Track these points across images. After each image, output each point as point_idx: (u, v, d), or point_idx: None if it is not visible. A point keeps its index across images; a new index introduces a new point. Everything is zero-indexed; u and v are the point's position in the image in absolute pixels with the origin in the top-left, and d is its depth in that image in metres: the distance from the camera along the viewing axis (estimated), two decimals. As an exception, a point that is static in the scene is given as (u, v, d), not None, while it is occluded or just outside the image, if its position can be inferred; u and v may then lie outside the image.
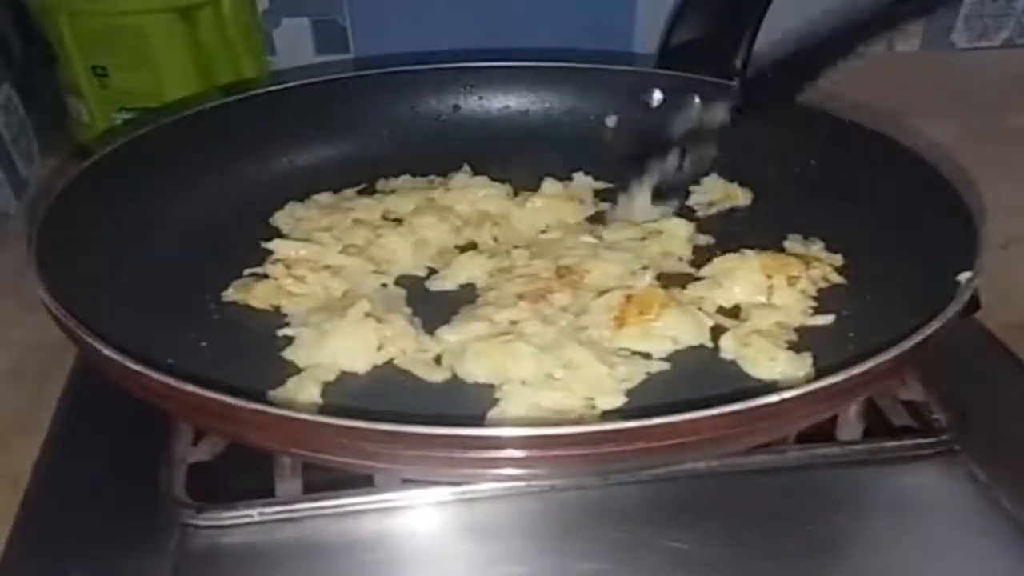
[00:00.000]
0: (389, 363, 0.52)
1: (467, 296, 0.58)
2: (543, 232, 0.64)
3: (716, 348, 0.53)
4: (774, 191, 0.67)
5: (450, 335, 0.53)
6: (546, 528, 0.48)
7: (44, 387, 0.58)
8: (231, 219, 0.65)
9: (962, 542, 0.48)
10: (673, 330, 0.53)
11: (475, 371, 0.51)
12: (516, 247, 0.61)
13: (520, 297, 0.55)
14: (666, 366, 0.52)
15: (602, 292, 0.55)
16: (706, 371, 0.52)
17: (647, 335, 0.53)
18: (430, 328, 0.54)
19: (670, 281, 0.58)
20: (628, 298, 0.54)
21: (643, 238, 0.62)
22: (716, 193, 0.68)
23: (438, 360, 0.52)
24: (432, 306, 0.57)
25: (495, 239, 0.63)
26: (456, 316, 0.55)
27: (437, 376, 0.51)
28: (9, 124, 0.79)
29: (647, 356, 0.52)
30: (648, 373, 0.51)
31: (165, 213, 0.62)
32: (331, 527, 0.48)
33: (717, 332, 0.54)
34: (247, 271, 0.59)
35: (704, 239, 0.63)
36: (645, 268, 0.58)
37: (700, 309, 0.55)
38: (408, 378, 0.51)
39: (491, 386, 0.50)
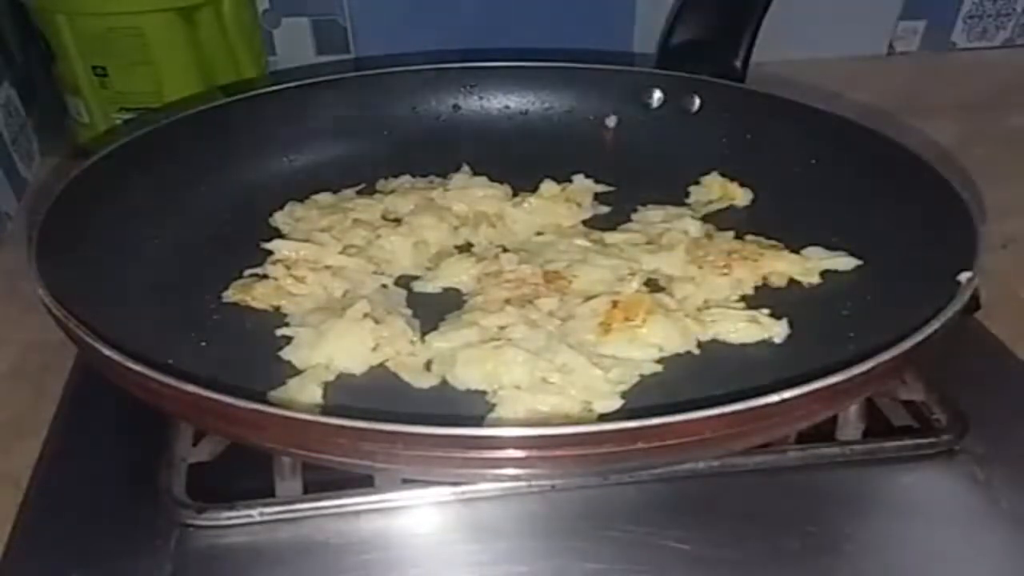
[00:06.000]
0: (385, 364, 0.52)
1: (456, 299, 0.58)
2: (538, 234, 0.64)
3: (704, 351, 0.53)
4: (773, 191, 0.67)
5: (440, 342, 0.53)
6: (546, 528, 0.48)
7: (44, 387, 0.58)
8: (231, 219, 0.65)
9: (962, 542, 0.48)
10: (658, 337, 0.53)
11: (466, 378, 0.51)
12: (505, 250, 0.61)
13: (507, 302, 0.55)
14: (658, 368, 0.52)
15: (589, 297, 0.55)
16: (699, 373, 0.52)
17: (632, 341, 0.53)
18: (428, 329, 0.55)
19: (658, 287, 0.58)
20: (614, 304, 0.54)
21: (648, 243, 0.62)
22: (715, 192, 0.68)
23: (428, 366, 0.52)
24: (428, 308, 0.57)
25: (490, 241, 0.63)
26: (444, 322, 0.55)
27: (426, 382, 0.51)
28: (9, 124, 0.79)
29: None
30: (641, 375, 0.51)
31: (165, 213, 0.62)
32: (331, 527, 0.48)
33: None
34: (247, 271, 0.59)
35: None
36: (633, 274, 0.58)
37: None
38: (404, 380, 0.52)
39: (483, 391, 0.50)
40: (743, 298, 0.57)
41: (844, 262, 0.59)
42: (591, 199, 0.68)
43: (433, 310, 0.57)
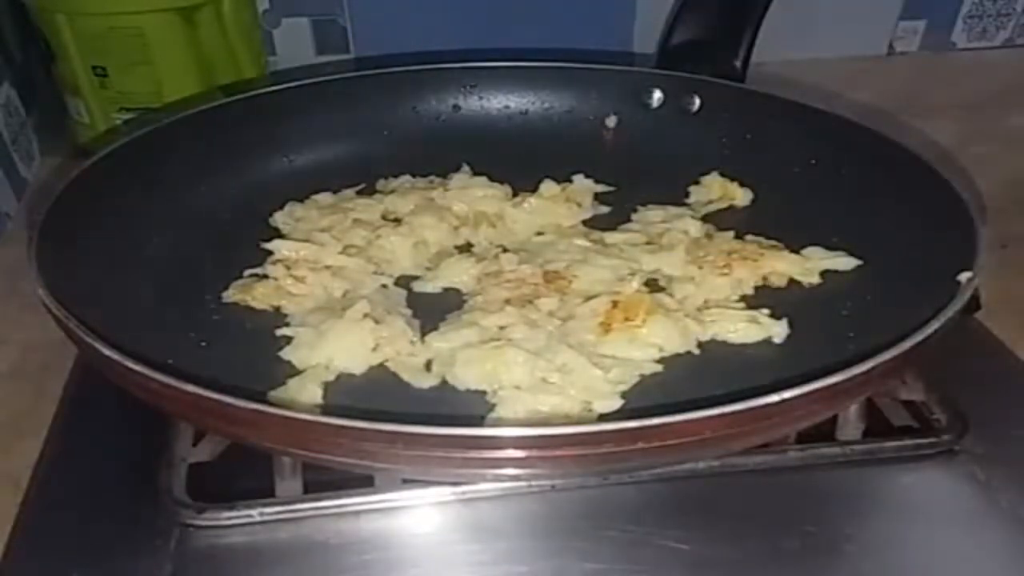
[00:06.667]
0: (385, 364, 0.52)
1: (456, 299, 0.58)
2: (538, 235, 0.64)
3: (704, 351, 0.53)
4: (773, 191, 0.67)
5: (440, 342, 0.53)
6: (546, 528, 0.48)
7: (44, 387, 0.58)
8: (231, 219, 0.65)
9: (962, 542, 0.48)
10: (658, 337, 0.53)
11: (466, 378, 0.51)
12: (505, 250, 0.61)
13: (507, 302, 0.55)
14: (658, 368, 0.52)
15: (589, 297, 0.55)
16: (699, 373, 0.52)
17: (632, 341, 0.53)
18: (428, 329, 0.54)
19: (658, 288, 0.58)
20: (614, 304, 0.54)
21: (648, 243, 0.62)
22: (715, 192, 0.68)
23: (428, 366, 0.52)
24: (428, 308, 0.57)
25: (490, 241, 0.63)
26: (444, 322, 0.55)
27: (426, 382, 0.51)
28: (9, 124, 0.79)
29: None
30: (641, 375, 0.51)
31: (165, 213, 0.62)
32: (331, 527, 0.48)
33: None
34: (247, 271, 0.59)
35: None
36: (633, 274, 0.58)
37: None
38: (404, 380, 0.52)
39: (483, 391, 0.50)
40: (743, 298, 0.57)
41: (844, 262, 0.59)
42: (591, 199, 0.68)
43: (433, 310, 0.57)
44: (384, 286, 0.59)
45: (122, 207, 0.60)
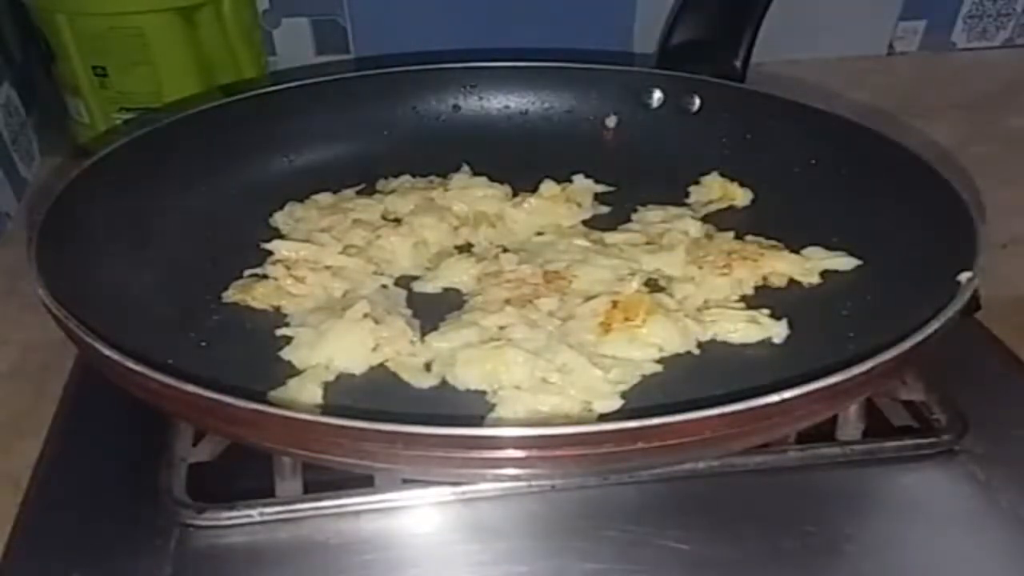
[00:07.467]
0: (385, 364, 0.52)
1: (456, 299, 0.58)
2: (538, 235, 0.64)
3: (704, 351, 0.53)
4: (773, 191, 0.67)
5: (440, 342, 0.53)
6: (546, 528, 0.48)
7: (44, 387, 0.58)
8: (231, 219, 0.64)
9: (962, 542, 0.48)
10: (658, 337, 0.53)
11: (466, 378, 0.50)
12: (505, 250, 0.61)
13: (507, 302, 0.55)
14: (658, 368, 0.52)
15: (589, 297, 0.55)
16: (699, 373, 0.52)
17: (632, 341, 0.53)
18: (428, 329, 0.54)
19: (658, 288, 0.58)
20: (614, 304, 0.54)
21: (648, 243, 0.62)
22: (715, 192, 0.68)
23: (428, 366, 0.52)
24: (428, 308, 0.57)
25: (490, 241, 0.64)
26: (444, 322, 0.55)
27: (426, 382, 0.51)
28: (9, 124, 0.79)
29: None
30: (641, 375, 0.51)
31: (165, 213, 0.62)
32: (331, 527, 0.48)
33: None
34: (247, 272, 0.59)
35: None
36: (633, 274, 0.58)
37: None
38: (404, 380, 0.52)
39: (483, 391, 0.50)
40: (743, 298, 0.57)
41: (844, 262, 0.59)
42: (591, 199, 0.68)
43: (433, 310, 0.57)
44: (384, 286, 0.59)
45: (122, 207, 0.60)
